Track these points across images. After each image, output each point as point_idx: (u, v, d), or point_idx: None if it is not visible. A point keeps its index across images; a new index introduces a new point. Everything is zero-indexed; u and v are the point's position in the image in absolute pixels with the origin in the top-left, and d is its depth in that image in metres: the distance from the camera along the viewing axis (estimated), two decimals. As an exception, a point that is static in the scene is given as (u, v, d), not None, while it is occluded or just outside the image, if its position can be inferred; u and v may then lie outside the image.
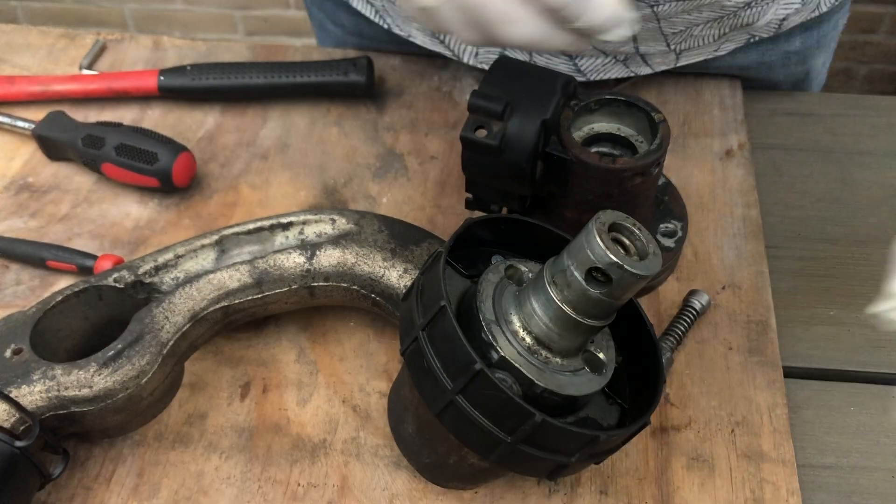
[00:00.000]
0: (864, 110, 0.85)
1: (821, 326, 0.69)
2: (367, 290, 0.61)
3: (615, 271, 0.44)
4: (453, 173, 0.78)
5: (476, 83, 0.85)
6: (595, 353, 0.52)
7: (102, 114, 0.84)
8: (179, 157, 0.74)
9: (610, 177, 0.60)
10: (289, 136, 0.82)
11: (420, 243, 0.63)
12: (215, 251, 0.63)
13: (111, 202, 0.76)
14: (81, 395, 0.54)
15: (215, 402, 0.63)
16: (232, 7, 2.36)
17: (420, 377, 0.49)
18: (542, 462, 0.48)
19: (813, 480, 0.60)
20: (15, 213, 0.75)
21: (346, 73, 0.82)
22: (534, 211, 0.68)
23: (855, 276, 0.72)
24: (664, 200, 0.71)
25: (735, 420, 0.62)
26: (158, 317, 0.58)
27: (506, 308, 0.50)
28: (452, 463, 0.53)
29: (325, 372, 0.65)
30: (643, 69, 0.82)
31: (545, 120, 0.59)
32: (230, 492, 0.59)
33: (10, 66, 0.89)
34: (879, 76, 2.31)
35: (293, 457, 0.60)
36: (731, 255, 0.71)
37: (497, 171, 0.61)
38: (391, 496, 0.58)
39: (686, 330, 0.65)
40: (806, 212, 0.77)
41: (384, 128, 0.82)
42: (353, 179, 0.78)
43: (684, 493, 0.58)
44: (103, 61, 0.89)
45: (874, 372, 0.66)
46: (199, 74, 0.82)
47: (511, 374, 0.48)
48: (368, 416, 0.62)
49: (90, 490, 0.59)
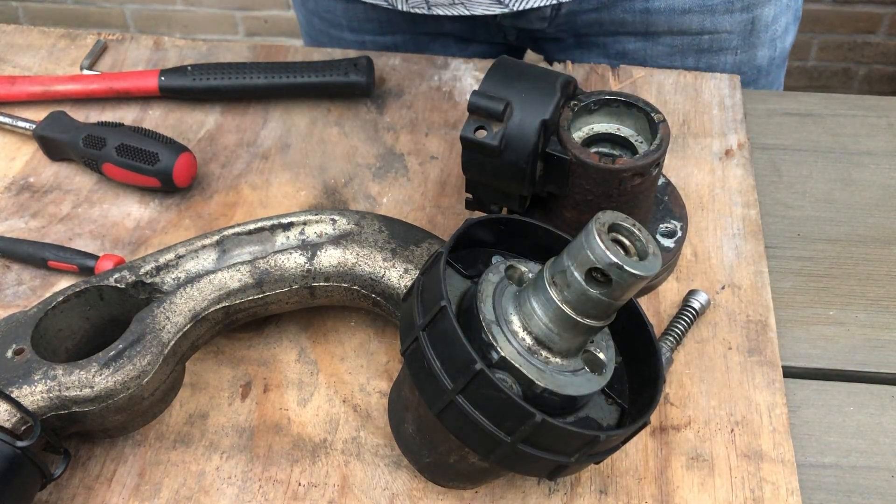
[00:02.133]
0: (864, 110, 0.85)
1: (820, 326, 0.69)
2: (367, 290, 0.62)
3: (615, 271, 0.44)
4: (453, 173, 0.78)
5: (476, 83, 0.86)
6: (595, 353, 0.52)
7: (103, 114, 0.84)
8: (180, 158, 0.74)
9: (609, 177, 0.60)
10: (289, 136, 0.82)
11: (420, 243, 0.63)
12: (216, 251, 0.63)
13: (112, 202, 0.76)
14: (83, 395, 0.54)
15: (216, 401, 0.64)
16: (232, 8, 2.36)
17: (420, 377, 0.49)
18: (542, 462, 0.48)
19: (812, 480, 0.61)
20: (16, 213, 0.76)
21: (346, 73, 0.82)
22: (534, 211, 0.68)
23: (854, 276, 0.72)
24: (664, 200, 0.71)
25: (735, 420, 0.62)
26: (159, 317, 0.58)
27: (506, 308, 0.50)
28: (452, 463, 0.54)
29: (326, 372, 0.65)
30: None
31: (545, 120, 0.59)
32: (231, 491, 0.59)
33: (11, 67, 0.89)
34: (879, 76, 2.31)
35: (294, 456, 0.61)
36: (730, 254, 0.72)
37: (497, 172, 0.61)
38: (391, 496, 0.58)
39: (686, 330, 0.65)
40: (805, 212, 0.77)
41: (384, 128, 0.83)
42: (354, 179, 0.78)
43: (684, 492, 0.58)
44: (104, 61, 0.89)
45: (873, 372, 0.66)
46: (200, 74, 0.82)
47: (511, 375, 0.48)
48: (369, 416, 0.63)
49: (91, 490, 0.59)
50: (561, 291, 0.47)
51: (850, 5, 2.15)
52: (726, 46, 0.90)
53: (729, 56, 0.91)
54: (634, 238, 0.47)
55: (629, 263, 0.44)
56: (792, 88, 2.35)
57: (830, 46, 2.26)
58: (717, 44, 0.89)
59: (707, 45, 0.89)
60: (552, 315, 0.48)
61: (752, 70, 0.94)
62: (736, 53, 0.91)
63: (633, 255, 0.47)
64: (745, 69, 0.93)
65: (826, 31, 2.22)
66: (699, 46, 0.89)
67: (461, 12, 0.84)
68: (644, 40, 0.89)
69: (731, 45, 0.90)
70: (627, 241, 0.47)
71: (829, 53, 2.28)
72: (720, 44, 0.89)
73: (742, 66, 0.92)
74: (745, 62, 0.92)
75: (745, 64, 0.92)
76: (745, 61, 0.92)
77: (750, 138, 0.82)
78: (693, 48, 0.89)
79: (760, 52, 0.92)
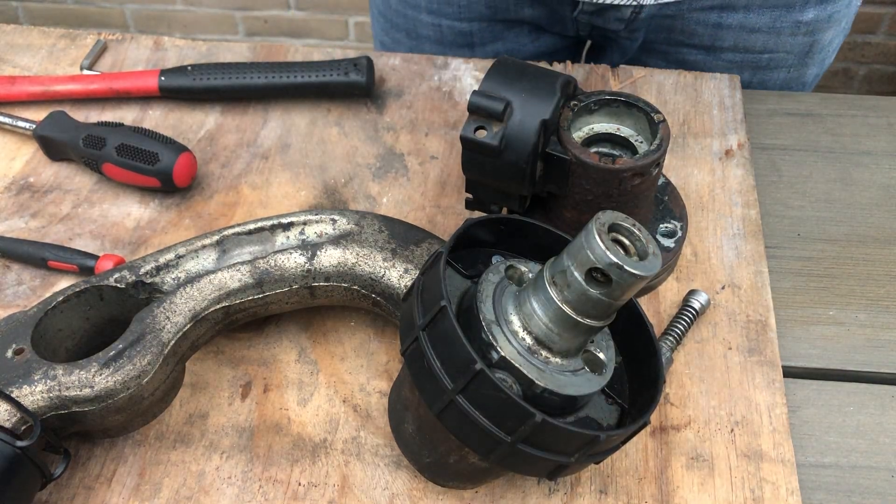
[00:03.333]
0: (864, 110, 0.85)
1: (820, 326, 0.69)
2: (367, 290, 0.62)
3: (615, 271, 0.44)
4: (453, 173, 0.78)
5: (476, 83, 0.86)
6: (595, 353, 0.52)
7: (103, 114, 0.84)
8: (180, 158, 0.74)
9: (609, 177, 0.60)
10: (289, 136, 0.82)
11: (420, 243, 0.63)
12: (216, 251, 0.63)
13: (112, 202, 0.76)
14: (83, 395, 0.54)
15: (216, 401, 0.64)
16: (232, 7, 2.36)
17: (420, 377, 0.49)
18: (543, 462, 0.48)
19: (812, 480, 0.61)
20: (16, 213, 0.76)
21: (346, 73, 0.82)
22: (534, 211, 0.68)
23: (854, 276, 0.72)
24: (664, 200, 0.71)
25: (734, 420, 0.62)
26: (159, 317, 0.58)
27: (506, 308, 0.50)
28: (452, 462, 0.54)
29: (326, 372, 0.65)
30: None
31: (545, 120, 0.59)
32: (231, 491, 0.59)
33: (10, 67, 0.89)
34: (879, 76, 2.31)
35: (294, 456, 0.61)
36: (730, 254, 0.72)
37: (497, 172, 0.61)
38: (391, 496, 0.58)
39: (686, 330, 0.65)
40: (805, 212, 0.77)
41: (384, 128, 0.83)
42: (354, 179, 0.78)
43: (684, 492, 0.58)
44: (104, 61, 0.89)
45: (873, 372, 0.66)
46: (200, 74, 0.82)
47: (511, 374, 0.48)
48: (369, 416, 0.63)
49: (91, 490, 0.59)
50: (561, 291, 0.47)
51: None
52: (782, 65, 0.91)
53: (782, 73, 0.93)
54: (634, 238, 0.47)
55: (629, 263, 0.44)
56: (792, 88, 2.35)
57: (830, 46, 2.26)
58: (774, 62, 0.91)
59: (765, 63, 0.91)
60: (552, 315, 0.48)
61: (798, 86, 0.96)
62: (789, 71, 0.93)
63: (633, 255, 0.47)
64: (792, 85, 0.95)
65: (826, 31, 2.22)
66: (758, 64, 0.91)
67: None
68: (707, 53, 0.90)
69: (786, 64, 0.92)
70: (627, 241, 0.47)
71: (829, 53, 2.28)
72: (777, 62, 0.91)
73: (791, 82, 0.95)
74: (795, 79, 0.94)
75: (794, 81, 0.95)
76: (795, 78, 0.94)
77: (750, 138, 0.82)
78: (751, 65, 0.91)
79: (811, 70, 0.95)
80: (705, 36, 0.89)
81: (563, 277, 0.47)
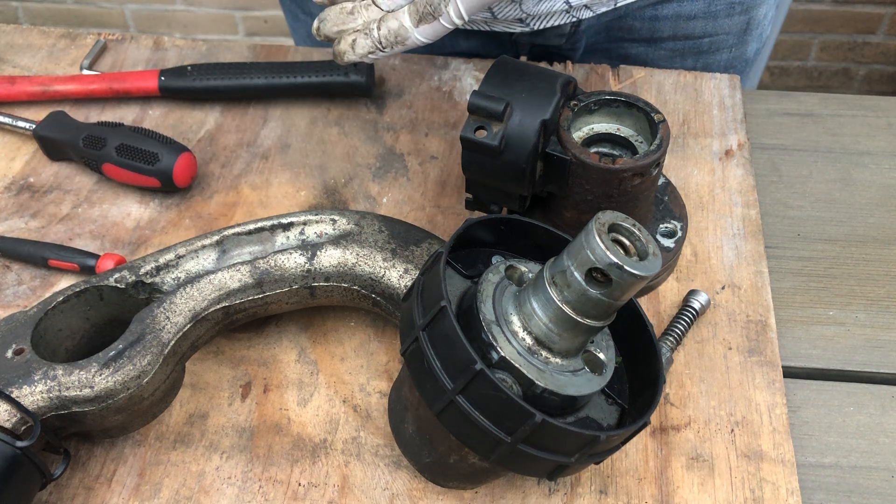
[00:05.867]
0: (864, 111, 0.85)
1: (820, 326, 0.69)
2: (367, 291, 0.62)
3: (615, 272, 0.44)
4: (453, 173, 0.78)
5: (476, 83, 0.86)
6: (595, 354, 0.52)
7: (103, 114, 0.84)
8: (180, 158, 0.74)
9: (609, 177, 0.60)
10: (289, 136, 0.82)
11: (420, 243, 0.63)
12: (216, 251, 0.63)
13: (112, 202, 0.76)
14: (82, 395, 0.54)
15: (216, 402, 0.64)
16: (232, 8, 2.36)
17: (420, 377, 0.49)
18: (543, 462, 0.48)
19: (812, 480, 0.61)
20: (16, 213, 0.76)
21: (346, 74, 0.82)
22: (534, 211, 0.68)
23: (854, 276, 0.72)
24: (664, 200, 0.71)
25: (735, 420, 0.62)
26: (159, 317, 0.58)
27: (506, 308, 0.50)
28: (452, 463, 0.54)
29: (326, 372, 0.65)
30: (585, 13, 0.83)
31: (545, 120, 0.59)
32: (231, 491, 0.59)
33: (10, 67, 0.89)
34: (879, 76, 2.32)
35: (294, 457, 0.61)
36: (730, 254, 0.72)
37: (497, 172, 0.61)
38: (391, 496, 0.58)
39: (686, 330, 0.65)
40: (805, 212, 0.77)
41: (384, 128, 0.83)
42: (354, 179, 0.78)
43: (684, 492, 0.58)
44: (104, 61, 0.89)
45: (873, 372, 0.66)
46: (200, 75, 0.82)
47: (511, 375, 0.48)
48: (369, 416, 0.63)
49: (91, 490, 0.59)
50: (561, 291, 0.47)
51: (850, 5, 2.15)
52: (723, 46, 0.92)
53: (724, 54, 0.94)
54: (634, 238, 0.47)
55: (629, 263, 0.44)
56: (792, 88, 2.36)
57: (830, 46, 2.26)
58: (715, 45, 0.91)
59: (707, 47, 0.91)
60: (552, 315, 0.48)
61: (741, 63, 0.97)
62: (731, 51, 0.94)
63: (633, 255, 0.47)
64: (736, 63, 0.96)
65: (826, 31, 2.22)
66: (699, 49, 0.91)
67: (481, 27, 0.84)
68: (647, 45, 0.90)
69: (727, 45, 0.92)
70: (627, 241, 0.47)
71: (829, 53, 2.28)
72: (718, 44, 0.91)
73: (734, 61, 0.95)
74: (737, 57, 0.95)
75: (736, 59, 0.95)
76: (737, 56, 0.95)
77: (750, 138, 0.82)
78: (693, 51, 0.91)
79: (750, 46, 0.95)
80: (644, 30, 0.89)
81: (563, 277, 0.47)
